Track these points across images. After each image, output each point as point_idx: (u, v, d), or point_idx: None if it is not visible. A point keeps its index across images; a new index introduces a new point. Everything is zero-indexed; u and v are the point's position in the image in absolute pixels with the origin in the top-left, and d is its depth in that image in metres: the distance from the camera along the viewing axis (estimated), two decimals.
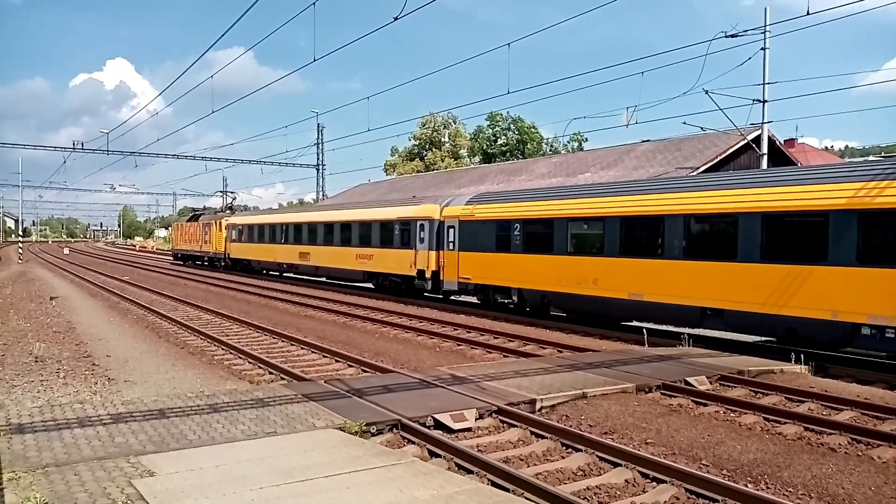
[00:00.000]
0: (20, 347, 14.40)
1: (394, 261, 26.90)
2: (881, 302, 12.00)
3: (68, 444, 6.90)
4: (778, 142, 29.84)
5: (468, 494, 5.73)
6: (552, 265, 19.35)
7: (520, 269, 20.65)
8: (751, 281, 14.19)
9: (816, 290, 13.01)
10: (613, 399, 9.97)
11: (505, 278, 21.38)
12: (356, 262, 29.71)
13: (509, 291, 21.48)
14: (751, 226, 14.23)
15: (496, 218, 21.76)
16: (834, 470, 7.33)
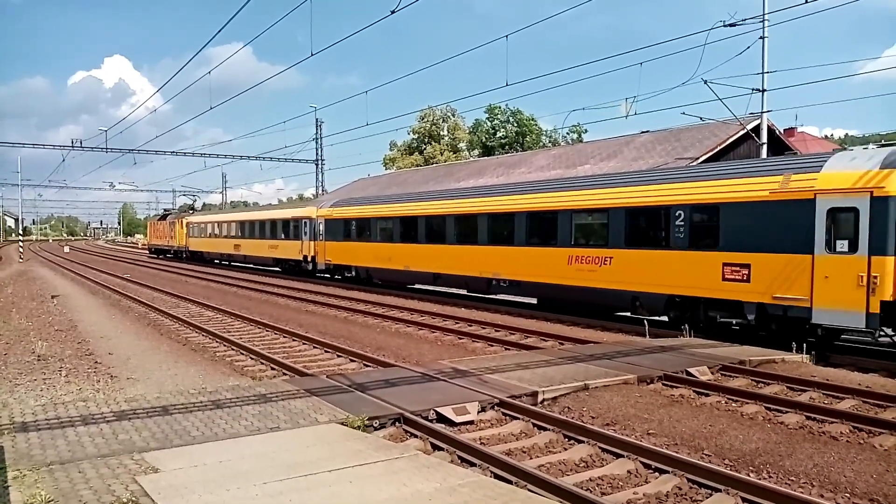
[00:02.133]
0: (22, 346, 14.43)
1: (290, 249, 36.09)
2: (700, 278, 15.23)
3: (72, 442, 6.92)
4: (777, 131, 29.79)
5: (471, 487, 5.75)
6: (371, 249, 28.73)
7: (354, 253, 30.19)
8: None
9: (656, 270, 16.22)
10: (615, 390, 9.99)
11: (347, 259, 30.87)
12: (268, 250, 39.35)
13: (351, 269, 30.71)
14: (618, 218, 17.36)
15: (342, 217, 31.21)
16: (836, 458, 7.35)
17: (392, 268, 26.96)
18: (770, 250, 13.87)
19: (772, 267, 13.83)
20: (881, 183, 12.32)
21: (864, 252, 12.45)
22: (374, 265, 28.50)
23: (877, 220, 12.32)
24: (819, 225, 13.03)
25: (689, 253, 15.52)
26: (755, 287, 14.13)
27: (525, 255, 20.20)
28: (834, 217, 12.95)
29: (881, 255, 12.24)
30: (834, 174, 13.13)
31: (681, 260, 15.68)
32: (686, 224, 15.61)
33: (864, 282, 12.35)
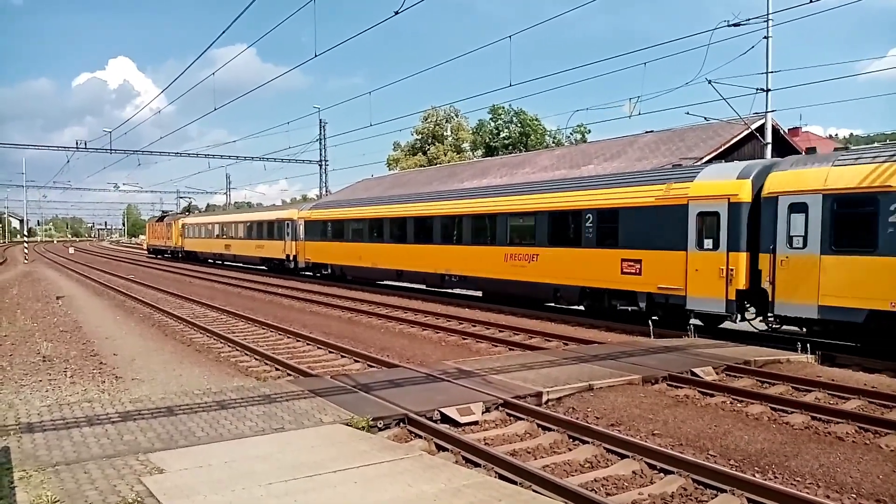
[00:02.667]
0: (28, 347, 14.47)
1: (274, 249, 38.74)
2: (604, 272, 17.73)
3: (77, 443, 6.94)
4: (782, 131, 29.70)
5: (476, 487, 5.75)
6: (344, 248, 31.49)
7: (330, 252, 32.88)
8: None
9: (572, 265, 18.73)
10: (620, 391, 9.98)
11: (324, 258, 33.54)
12: (255, 250, 41.88)
13: (328, 266, 33.29)
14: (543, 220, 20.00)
15: (319, 219, 33.86)
16: (842, 459, 7.33)
17: (362, 265, 29.76)
18: (656, 248, 16.35)
19: (657, 262, 16.35)
20: (736, 191, 14.86)
21: (723, 249, 14.94)
22: (346, 263, 31.43)
23: (733, 222, 14.81)
24: (691, 226, 15.56)
25: (596, 251, 18.08)
26: (645, 279, 16.67)
27: (470, 254, 22.95)
28: (702, 220, 15.41)
29: (736, 251, 14.75)
30: (703, 184, 15.68)
31: (590, 257, 18.27)
32: (594, 226, 18.21)
33: (724, 274, 14.86)
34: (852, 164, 13.18)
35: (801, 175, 13.91)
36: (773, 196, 14.09)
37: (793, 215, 13.73)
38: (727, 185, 15.10)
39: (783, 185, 14.01)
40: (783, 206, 13.88)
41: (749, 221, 14.68)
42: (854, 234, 12.94)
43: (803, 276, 13.48)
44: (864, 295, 12.56)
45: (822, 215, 13.21)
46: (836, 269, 13.00)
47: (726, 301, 14.85)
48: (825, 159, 14.21)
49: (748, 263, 14.70)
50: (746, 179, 14.84)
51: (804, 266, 13.48)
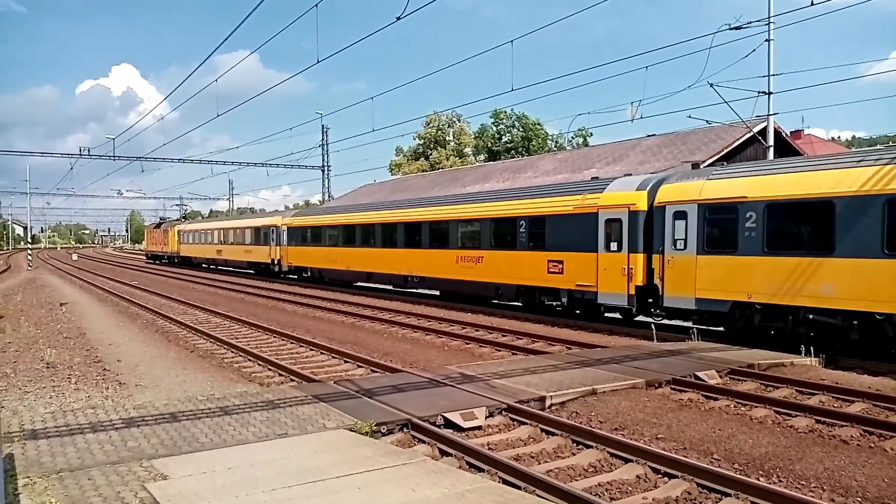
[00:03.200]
0: (32, 354, 14.50)
1: (260, 253, 41.46)
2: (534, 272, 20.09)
3: (81, 449, 6.94)
4: (784, 133, 29.69)
5: (480, 492, 5.74)
6: (321, 253, 34.03)
7: (309, 256, 35.43)
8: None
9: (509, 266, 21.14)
10: (623, 395, 9.96)
11: (304, 261, 36.01)
12: (244, 254, 44.54)
13: (307, 269, 35.74)
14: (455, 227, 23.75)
15: (300, 226, 36.45)
16: (846, 462, 7.30)
17: (337, 268, 32.41)
18: (575, 250, 18.65)
19: (576, 262, 18.69)
20: (635, 201, 17.14)
21: (625, 250, 17.21)
22: (324, 266, 34.04)
23: (632, 227, 17.04)
24: (601, 231, 17.84)
25: (528, 253, 20.40)
26: (566, 278, 19.02)
27: (429, 257, 25.27)
28: (609, 225, 17.66)
29: (635, 252, 16.99)
30: (610, 194, 17.95)
31: (523, 258, 20.60)
32: (526, 231, 20.50)
33: (626, 272, 17.13)
34: (721, 178, 15.47)
35: (683, 187, 16.11)
36: (662, 205, 16.28)
37: (676, 221, 15.88)
38: (628, 196, 17.47)
39: (670, 196, 16.23)
40: (669, 213, 16.03)
41: (645, 227, 16.88)
42: (721, 237, 15.07)
43: (684, 273, 15.71)
44: (729, 288, 14.81)
45: (697, 221, 15.42)
46: (708, 266, 15.26)
47: (628, 295, 17.23)
48: (702, 174, 16.39)
49: (645, 263, 16.91)
50: (643, 191, 17.14)
51: (685, 264, 15.71)
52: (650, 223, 16.72)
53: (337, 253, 32.34)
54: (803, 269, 13.50)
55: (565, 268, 19.00)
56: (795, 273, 13.62)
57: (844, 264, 12.84)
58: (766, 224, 14.18)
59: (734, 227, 14.66)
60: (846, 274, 12.81)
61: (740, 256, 14.53)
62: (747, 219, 14.43)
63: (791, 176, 14.12)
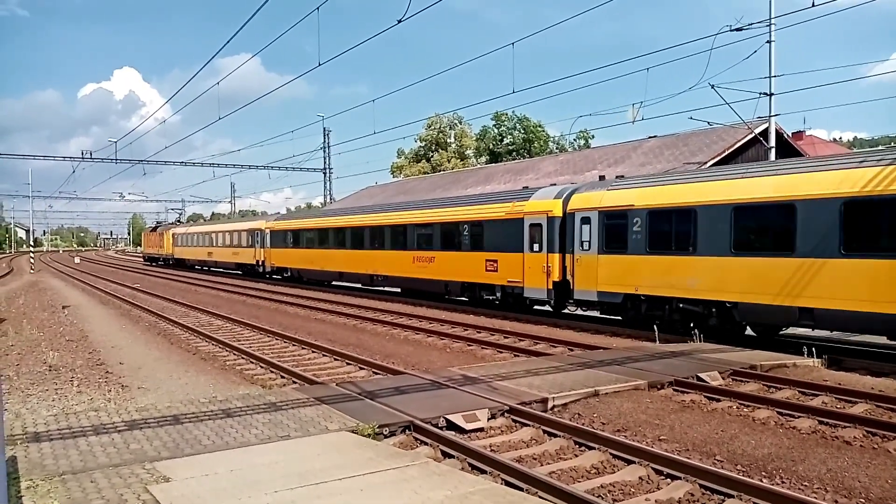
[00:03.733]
0: (34, 356, 14.51)
1: (246, 255, 44.19)
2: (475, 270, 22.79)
3: (84, 452, 6.95)
4: (786, 135, 29.68)
5: (482, 494, 5.74)
6: (299, 254, 36.76)
7: (289, 257, 38.27)
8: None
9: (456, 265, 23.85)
10: (626, 396, 9.96)
11: (285, 262, 38.96)
12: (232, 256, 47.32)
13: (287, 270, 38.59)
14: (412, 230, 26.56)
15: (281, 229, 39.28)
16: (849, 463, 7.29)
17: (313, 268, 35.16)
18: (507, 251, 21.28)
19: (507, 262, 21.34)
20: (552, 208, 19.73)
21: (545, 251, 19.83)
22: (302, 267, 36.70)
23: (550, 231, 19.65)
24: (525, 234, 20.44)
25: (470, 253, 23.14)
26: (500, 275, 21.70)
27: (391, 257, 27.93)
28: (532, 229, 20.24)
29: (552, 252, 19.61)
30: (534, 202, 20.63)
31: (467, 258, 23.33)
32: (469, 234, 23.30)
33: (546, 270, 19.74)
34: (617, 189, 17.99)
35: (589, 196, 18.68)
36: (572, 212, 18.90)
37: (583, 226, 18.42)
38: (547, 204, 20.03)
39: (578, 204, 18.84)
40: (577, 219, 18.60)
41: (560, 231, 19.39)
42: (615, 239, 17.52)
43: (589, 270, 18.27)
44: (621, 283, 17.39)
45: (598, 226, 17.96)
46: (607, 264, 17.81)
47: (547, 290, 19.81)
48: (604, 185, 19.06)
49: (560, 262, 19.44)
50: (559, 199, 19.66)
51: (589, 263, 18.27)
52: (564, 227, 19.27)
53: (313, 254, 35.15)
54: (675, 266, 16.08)
55: (499, 266, 21.76)
56: (669, 270, 16.21)
57: (703, 262, 15.42)
58: (648, 228, 16.73)
59: (625, 231, 17.27)
60: (704, 270, 15.38)
61: (629, 256, 17.16)
62: (634, 224, 17.03)
63: (667, 188, 16.70)
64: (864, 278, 12.46)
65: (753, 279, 14.29)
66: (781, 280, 13.70)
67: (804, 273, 13.37)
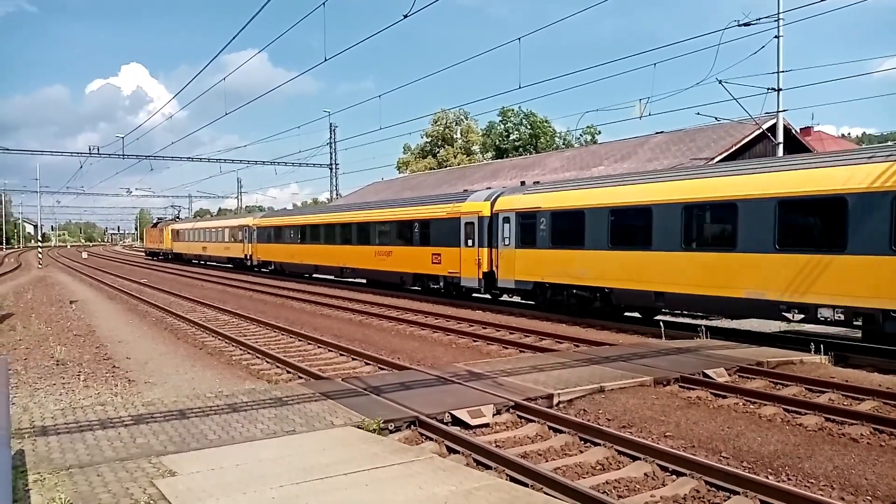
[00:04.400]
0: (42, 351, 14.59)
1: (236, 250, 47.98)
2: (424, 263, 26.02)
3: (91, 446, 6.99)
4: (794, 130, 29.48)
5: (487, 490, 5.74)
6: (281, 249, 40.15)
7: (273, 252, 41.60)
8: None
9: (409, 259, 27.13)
10: (631, 392, 9.94)
11: (269, 256, 42.30)
12: (223, 251, 50.83)
13: (271, 263, 41.93)
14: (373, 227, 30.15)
15: (266, 226, 43.00)
16: (856, 461, 7.26)
17: (293, 262, 38.42)
18: (448, 245, 24.52)
19: (448, 255, 24.53)
20: (482, 209, 22.91)
21: (477, 246, 22.97)
22: (283, 260, 40.01)
23: (480, 228, 22.84)
24: (462, 231, 23.73)
25: (420, 248, 26.42)
26: (443, 267, 24.88)
27: (357, 252, 31.40)
28: (467, 227, 23.46)
29: (483, 247, 22.75)
30: (468, 204, 23.83)
31: (417, 252, 26.55)
32: (419, 231, 26.58)
33: (477, 262, 22.92)
34: (530, 193, 21.31)
35: (510, 199, 21.90)
36: (497, 212, 22.09)
37: (504, 224, 21.62)
38: (478, 205, 23.16)
39: (501, 206, 22.00)
40: (500, 218, 21.81)
41: (489, 228, 22.51)
42: (527, 236, 20.72)
43: (509, 262, 21.44)
44: (532, 273, 20.69)
45: (515, 225, 21.14)
46: (522, 257, 20.95)
47: (478, 279, 23.01)
48: (521, 190, 22.29)
49: (489, 255, 22.55)
50: (488, 202, 22.76)
51: (509, 256, 21.41)
52: (492, 226, 22.33)
53: (293, 249, 38.65)
54: (571, 258, 19.24)
55: (442, 259, 24.97)
56: (566, 261, 19.41)
57: (590, 255, 18.49)
58: (551, 227, 19.87)
59: (534, 229, 20.43)
60: (590, 261, 18.47)
61: (538, 250, 20.38)
62: (541, 223, 20.21)
63: (566, 192, 20.08)
64: (698, 268, 15.65)
65: (624, 269, 17.48)
66: (643, 269, 16.94)
67: (658, 264, 16.56)
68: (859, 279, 12.61)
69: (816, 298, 13.25)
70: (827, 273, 13.11)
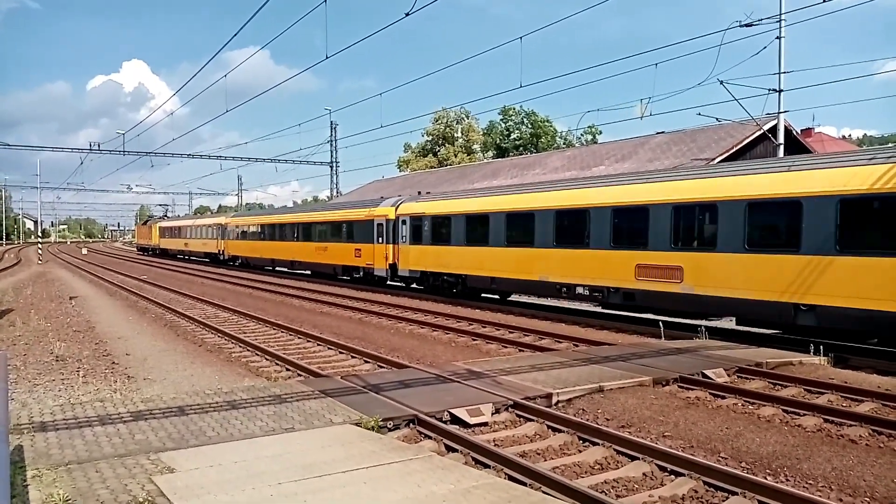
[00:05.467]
0: (41, 347, 14.60)
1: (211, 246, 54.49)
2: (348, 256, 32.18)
3: (89, 442, 6.98)
4: (795, 131, 29.48)
5: (485, 489, 5.74)
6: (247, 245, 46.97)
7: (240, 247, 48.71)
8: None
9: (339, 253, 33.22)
10: (630, 392, 9.94)
11: (237, 252, 49.35)
12: (201, 246, 57.28)
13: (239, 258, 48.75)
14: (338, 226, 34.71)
15: (235, 224, 50.00)
16: (855, 462, 7.26)
17: (256, 256, 45.46)
18: (368, 242, 30.48)
19: (366, 250, 30.64)
20: (388, 213, 29.02)
21: (385, 242, 29.05)
22: (248, 255, 46.89)
23: (387, 229, 28.89)
24: (375, 231, 29.72)
25: (347, 244, 32.66)
26: (363, 260, 30.97)
27: (302, 247, 37.93)
28: (379, 227, 29.43)
29: (389, 244, 28.76)
30: (379, 209, 29.82)
31: (345, 248, 32.80)
32: (346, 231, 32.82)
33: (385, 256, 28.91)
34: (419, 201, 27.28)
35: (408, 206, 27.79)
36: (398, 216, 28.19)
37: (402, 226, 27.67)
38: (386, 210, 29.30)
39: (402, 211, 28.00)
40: (400, 221, 27.88)
41: (393, 229, 28.50)
42: (416, 235, 26.61)
43: (406, 256, 27.40)
44: (419, 264, 26.55)
45: (410, 226, 27.16)
46: (414, 251, 26.88)
47: (386, 270, 28.99)
48: (415, 199, 28.18)
49: (394, 250, 28.34)
50: (393, 207, 28.83)
51: (406, 251, 27.46)
52: (396, 226, 28.22)
53: (255, 245, 45.54)
54: (444, 252, 24.92)
55: (362, 254, 31.08)
56: (440, 255, 25.18)
57: (454, 250, 24.30)
58: (431, 228, 25.75)
59: (420, 230, 26.34)
60: (454, 255, 24.29)
61: (423, 246, 26.21)
62: (425, 225, 26.13)
63: (439, 202, 26.04)
64: (513, 259, 21.24)
65: (473, 261, 23.29)
66: (483, 261, 22.59)
67: (492, 257, 22.25)
68: (597, 267, 18.22)
69: (576, 280, 18.98)
70: (580, 263, 18.78)
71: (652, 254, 16.76)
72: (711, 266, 15.42)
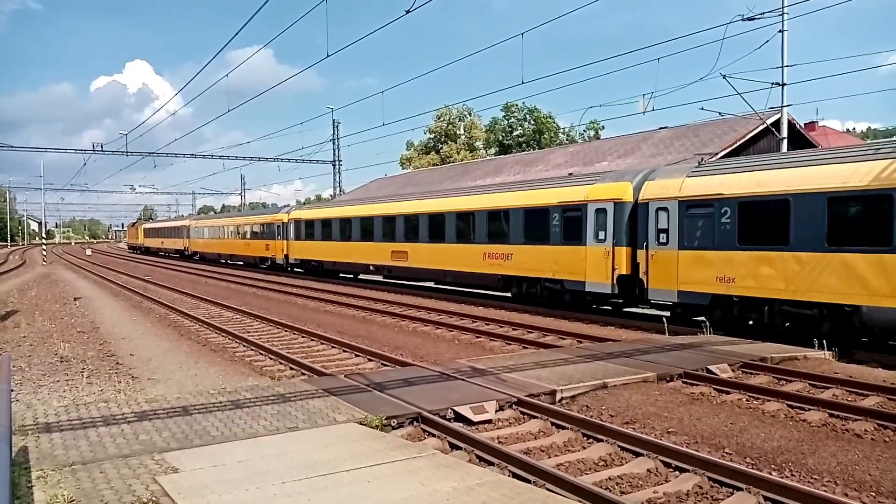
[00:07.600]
0: (46, 348, 14.63)
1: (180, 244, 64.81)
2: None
3: (94, 443, 7.00)
4: (798, 125, 29.40)
5: (489, 486, 5.73)
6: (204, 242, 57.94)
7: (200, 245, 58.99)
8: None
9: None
10: (634, 388, 9.92)
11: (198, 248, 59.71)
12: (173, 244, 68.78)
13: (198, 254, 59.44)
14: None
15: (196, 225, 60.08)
16: (860, 456, 7.23)
17: (208, 252, 55.54)
18: (273, 239, 40.66)
19: (272, 245, 40.79)
20: (283, 218, 39.96)
21: (282, 239, 39.94)
22: (205, 251, 56.67)
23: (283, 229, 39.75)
24: (276, 231, 40.97)
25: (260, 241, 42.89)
26: (270, 252, 40.62)
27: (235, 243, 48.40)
28: (278, 228, 40.11)
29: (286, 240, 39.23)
30: (279, 215, 40.82)
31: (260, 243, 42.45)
32: (260, 230, 43.14)
33: (283, 248, 39.83)
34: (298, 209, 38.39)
35: (294, 213, 36.62)
36: (290, 220, 36.86)
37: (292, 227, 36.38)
38: (282, 216, 38.45)
39: (293, 216, 36.56)
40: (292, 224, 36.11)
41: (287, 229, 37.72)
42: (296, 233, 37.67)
43: (293, 248, 36.94)
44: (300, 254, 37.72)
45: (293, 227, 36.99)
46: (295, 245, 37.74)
47: (283, 259, 38.47)
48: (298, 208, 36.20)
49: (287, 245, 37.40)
50: (286, 214, 38.46)
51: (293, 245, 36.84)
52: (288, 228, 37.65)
53: (211, 242, 54.83)
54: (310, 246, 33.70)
55: (269, 248, 40.78)
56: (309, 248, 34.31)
57: (317, 244, 33.63)
58: (305, 229, 35.04)
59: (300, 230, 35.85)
60: (316, 247, 33.81)
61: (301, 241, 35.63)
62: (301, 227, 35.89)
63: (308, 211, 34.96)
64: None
65: (325, 250, 33.35)
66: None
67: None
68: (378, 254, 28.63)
69: (369, 262, 30.16)
70: (370, 251, 29.38)
71: (400, 244, 27.76)
72: None
